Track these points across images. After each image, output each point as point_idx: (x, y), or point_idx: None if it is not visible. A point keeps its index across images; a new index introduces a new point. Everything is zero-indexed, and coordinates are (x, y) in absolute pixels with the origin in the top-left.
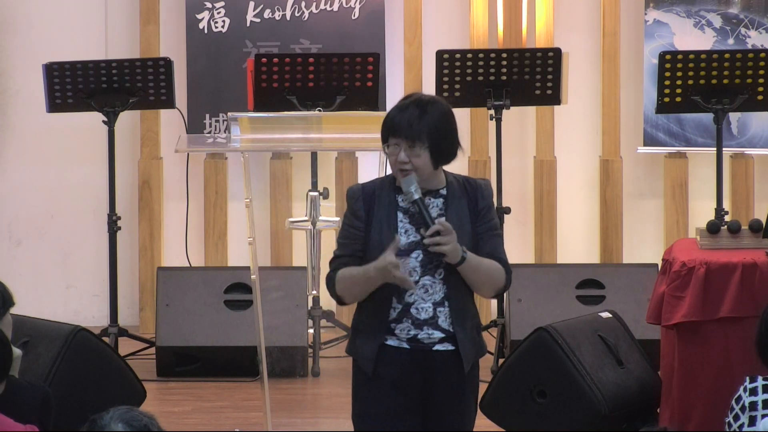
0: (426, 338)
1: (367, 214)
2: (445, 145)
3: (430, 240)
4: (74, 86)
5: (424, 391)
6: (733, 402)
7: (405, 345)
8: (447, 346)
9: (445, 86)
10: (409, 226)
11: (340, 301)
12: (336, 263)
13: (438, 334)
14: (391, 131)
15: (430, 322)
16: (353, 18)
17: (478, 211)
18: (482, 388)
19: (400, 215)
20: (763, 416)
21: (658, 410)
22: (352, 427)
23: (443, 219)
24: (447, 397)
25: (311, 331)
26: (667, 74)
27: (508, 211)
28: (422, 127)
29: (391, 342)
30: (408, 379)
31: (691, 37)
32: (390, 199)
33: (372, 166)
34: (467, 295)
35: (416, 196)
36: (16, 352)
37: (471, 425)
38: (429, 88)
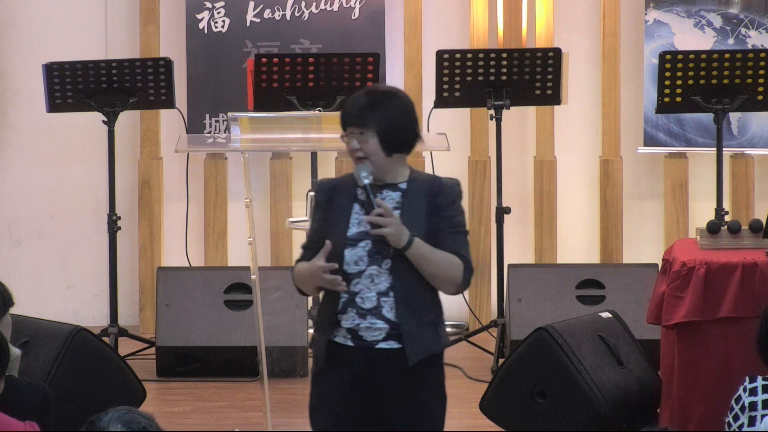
0: (368, 329)
1: (328, 207)
2: (395, 132)
3: (370, 219)
4: (74, 86)
5: (373, 392)
6: (733, 402)
7: (349, 342)
8: (391, 344)
9: (445, 86)
10: (362, 218)
11: (302, 293)
12: (300, 255)
13: (381, 324)
14: (344, 121)
15: (374, 312)
16: (353, 18)
17: (436, 208)
18: (482, 388)
19: (356, 207)
20: (763, 416)
21: (658, 410)
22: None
23: (396, 211)
24: (397, 398)
25: (311, 331)
26: (668, 74)
27: (508, 211)
28: (370, 114)
29: (338, 339)
30: (355, 378)
31: (692, 37)
32: (350, 191)
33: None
34: (418, 287)
35: (365, 182)
36: (16, 351)
37: (434, 425)
38: (429, 88)
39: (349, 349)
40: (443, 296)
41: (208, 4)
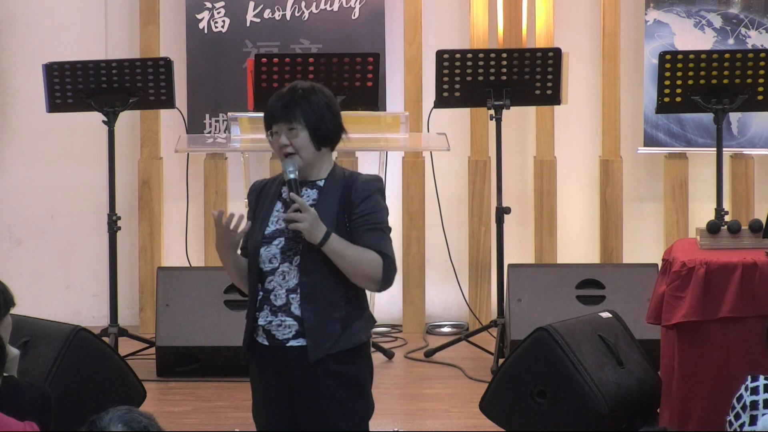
0: (279, 327)
1: (255, 206)
2: (323, 125)
3: (286, 216)
4: (74, 86)
5: (289, 390)
6: (734, 401)
7: (265, 341)
8: (300, 342)
9: (445, 86)
10: (282, 215)
11: (241, 294)
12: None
13: (290, 321)
14: (270, 119)
15: (284, 309)
16: (353, 18)
17: (348, 204)
18: (482, 388)
19: (278, 205)
20: (764, 415)
21: (658, 410)
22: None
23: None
24: (308, 396)
25: None
26: (667, 74)
27: (508, 211)
28: (297, 108)
29: (258, 338)
30: (272, 377)
31: (692, 37)
32: (275, 190)
33: (372, 166)
34: (328, 283)
35: (290, 177)
36: (14, 351)
37: (349, 424)
38: (429, 88)
39: (266, 348)
40: (449, 296)
41: (208, 4)
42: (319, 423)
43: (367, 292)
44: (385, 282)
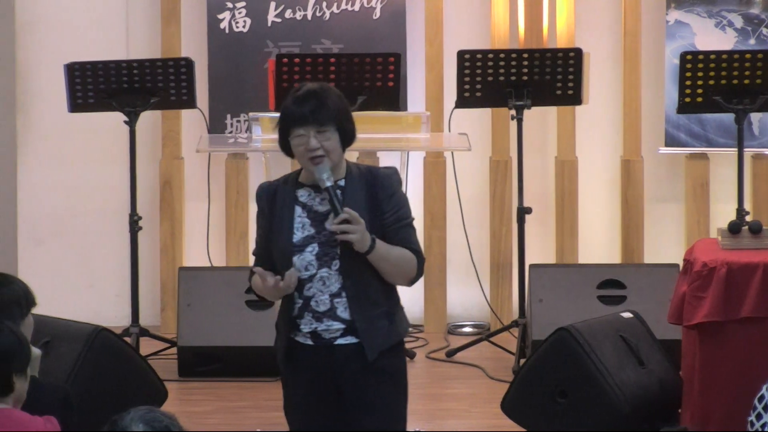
0: (326, 330)
1: (270, 211)
2: (348, 125)
3: (337, 227)
4: (95, 86)
5: (335, 389)
6: (756, 401)
7: (309, 341)
8: (349, 339)
9: (466, 86)
10: (306, 221)
11: (263, 300)
12: (254, 262)
13: (337, 325)
14: (295, 122)
15: (329, 314)
16: (374, 18)
17: (376, 202)
18: (503, 388)
19: (298, 210)
20: None
21: (679, 410)
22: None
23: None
24: (358, 392)
25: None
26: (689, 74)
27: (529, 211)
28: (326, 110)
29: (299, 338)
30: (317, 377)
31: (713, 37)
32: (290, 194)
33: (392, 165)
34: (369, 283)
35: (327, 184)
36: (36, 352)
37: (396, 421)
38: (450, 88)
39: (310, 348)
40: (470, 296)
41: (230, 4)
42: (366, 419)
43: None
44: (417, 278)
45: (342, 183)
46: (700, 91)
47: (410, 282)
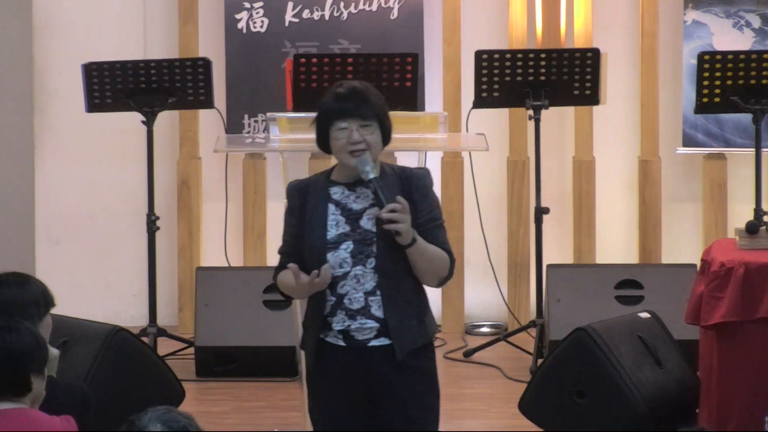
0: (359, 330)
1: (300, 209)
2: (388, 123)
3: (388, 215)
4: (113, 86)
5: (367, 390)
6: None
7: (341, 342)
8: (383, 341)
9: (484, 86)
10: (340, 218)
11: (289, 299)
12: (279, 261)
13: (371, 323)
14: (338, 115)
15: (363, 312)
16: (392, 18)
17: (412, 202)
18: (521, 388)
19: (331, 207)
20: None
21: (697, 410)
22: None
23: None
24: (389, 393)
25: None
26: (706, 75)
27: (546, 211)
28: (370, 105)
29: (330, 339)
30: (348, 378)
31: (730, 37)
32: (322, 192)
33: (410, 164)
34: (402, 282)
35: (371, 176)
36: (54, 352)
37: (429, 421)
38: (468, 88)
39: (341, 349)
40: (488, 296)
41: (247, 5)
42: (401, 420)
43: None
44: (447, 278)
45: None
46: (717, 91)
47: (441, 282)
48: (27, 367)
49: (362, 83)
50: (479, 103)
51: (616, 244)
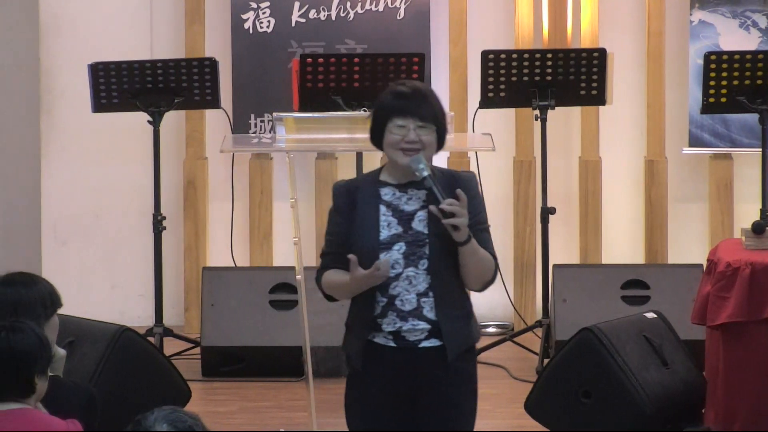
0: (411, 331)
1: (350, 210)
2: (444, 126)
3: (450, 208)
4: (119, 86)
5: (412, 391)
6: None
7: (391, 343)
8: (433, 342)
9: (490, 86)
10: (391, 219)
11: (330, 299)
12: (323, 261)
13: (423, 325)
14: (398, 112)
15: (415, 313)
16: (398, 18)
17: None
18: (527, 388)
19: (382, 208)
20: None
21: (703, 411)
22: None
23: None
24: (435, 397)
25: None
26: (713, 75)
27: (553, 211)
28: (430, 106)
29: (378, 340)
30: (395, 378)
31: (737, 37)
32: (373, 192)
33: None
34: (453, 285)
35: (426, 173)
36: (61, 352)
37: (468, 423)
38: (474, 88)
39: (390, 350)
40: (494, 296)
41: (254, 5)
42: (442, 421)
43: None
44: (491, 283)
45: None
46: (724, 91)
47: (484, 286)
48: (31, 368)
49: (424, 85)
50: (485, 103)
51: (622, 244)
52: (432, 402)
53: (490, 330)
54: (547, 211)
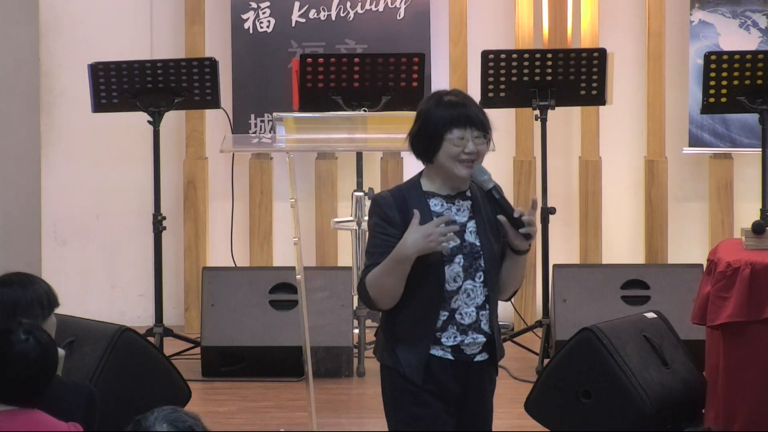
0: (470, 345)
1: (403, 221)
2: (491, 132)
3: (528, 218)
4: (119, 86)
5: (459, 400)
6: None
7: (449, 356)
8: (484, 356)
9: (490, 86)
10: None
11: (376, 307)
12: (367, 266)
13: (481, 338)
14: (455, 123)
15: (474, 326)
16: (398, 18)
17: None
18: (527, 388)
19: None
20: None
21: (703, 411)
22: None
23: (470, 222)
24: (478, 403)
25: (356, 331)
26: (713, 75)
27: (553, 211)
28: (482, 114)
29: (436, 352)
30: (449, 388)
31: (737, 37)
32: (422, 204)
33: (416, 166)
34: (498, 291)
35: (490, 185)
36: (60, 352)
37: (491, 424)
38: (474, 88)
39: (449, 362)
40: None
41: (254, 5)
42: (479, 424)
43: None
44: (517, 292)
45: (470, 194)
46: (724, 91)
47: (512, 295)
48: (48, 374)
49: (466, 94)
50: (486, 103)
51: (622, 244)
52: (477, 411)
53: None
54: (547, 211)
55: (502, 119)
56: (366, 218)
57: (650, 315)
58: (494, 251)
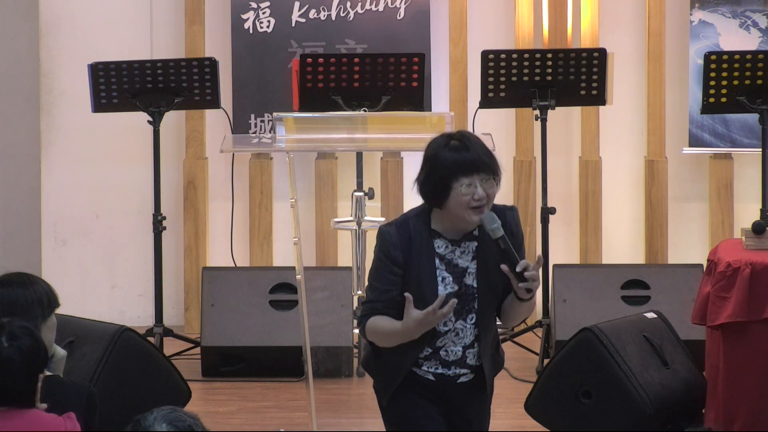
0: (452, 375)
1: (406, 261)
2: (499, 172)
3: (530, 274)
4: (119, 86)
5: (447, 410)
6: None
7: (430, 377)
8: (470, 377)
9: (490, 86)
10: (446, 274)
11: (372, 345)
12: (369, 308)
13: (464, 371)
14: (469, 169)
15: (458, 363)
16: (398, 18)
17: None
18: (527, 388)
19: (437, 262)
20: None
21: (703, 411)
22: None
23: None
24: (468, 413)
25: (356, 331)
26: (713, 75)
27: (553, 211)
28: (488, 156)
29: (417, 371)
30: (434, 397)
31: (737, 37)
32: (427, 245)
33: (417, 166)
34: (493, 326)
35: (500, 233)
36: (61, 352)
37: (488, 425)
38: (474, 88)
39: (430, 381)
40: None
41: (254, 4)
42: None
43: None
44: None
45: (476, 233)
46: (724, 91)
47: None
48: (33, 373)
49: (468, 132)
50: (486, 103)
51: (622, 244)
52: (466, 420)
53: None
54: (547, 211)
55: (502, 119)
56: (366, 218)
57: (650, 315)
58: (492, 291)
